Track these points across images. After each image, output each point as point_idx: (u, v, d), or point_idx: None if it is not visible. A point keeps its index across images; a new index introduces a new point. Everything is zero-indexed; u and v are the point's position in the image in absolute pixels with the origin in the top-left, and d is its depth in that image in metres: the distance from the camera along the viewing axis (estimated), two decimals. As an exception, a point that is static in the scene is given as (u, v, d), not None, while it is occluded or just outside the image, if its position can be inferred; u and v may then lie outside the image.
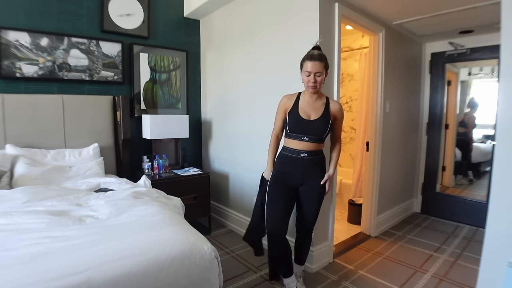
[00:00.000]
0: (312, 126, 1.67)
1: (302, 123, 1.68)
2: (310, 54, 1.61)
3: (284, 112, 1.77)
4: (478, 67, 3.47)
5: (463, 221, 3.24)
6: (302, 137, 1.68)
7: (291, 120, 1.71)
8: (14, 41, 2.22)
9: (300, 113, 1.69)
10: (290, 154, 1.74)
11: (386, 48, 2.77)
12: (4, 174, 1.97)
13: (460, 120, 3.55)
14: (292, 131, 1.71)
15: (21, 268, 0.98)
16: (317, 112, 1.69)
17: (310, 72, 1.60)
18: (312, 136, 1.68)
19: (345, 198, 3.53)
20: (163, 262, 1.16)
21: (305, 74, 1.63)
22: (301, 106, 1.70)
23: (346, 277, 2.13)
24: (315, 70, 1.59)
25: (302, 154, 1.71)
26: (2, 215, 1.37)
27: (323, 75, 1.62)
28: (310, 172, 1.75)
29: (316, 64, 1.58)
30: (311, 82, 1.61)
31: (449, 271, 2.23)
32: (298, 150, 1.71)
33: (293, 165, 1.74)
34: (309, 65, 1.59)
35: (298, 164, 1.72)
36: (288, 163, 1.75)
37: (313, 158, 1.73)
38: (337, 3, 2.16)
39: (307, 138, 1.68)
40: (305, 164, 1.73)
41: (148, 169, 2.70)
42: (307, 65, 1.60)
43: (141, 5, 2.80)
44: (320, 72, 1.60)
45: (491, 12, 2.26)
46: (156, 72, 2.98)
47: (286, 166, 1.76)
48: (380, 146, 2.83)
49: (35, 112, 2.27)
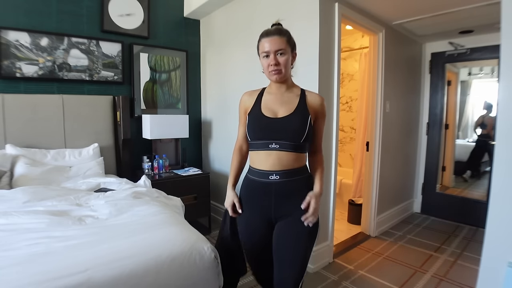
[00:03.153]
0: (281, 126, 1.17)
1: (267, 124, 1.19)
2: (266, 31, 1.20)
3: (244, 114, 1.30)
4: (478, 67, 3.48)
5: (463, 221, 3.24)
6: (269, 144, 1.16)
7: (252, 122, 1.23)
8: (14, 41, 2.22)
9: (263, 111, 1.21)
10: (256, 177, 1.21)
11: (386, 48, 2.77)
12: (4, 174, 1.97)
13: (479, 123, 3.54)
14: (254, 138, 1.21)
15: (21, 268, 0.98)
16: (288, 106, 1.21)
17: (269, 51, 1.16)
18: (284, 142, 1.15)
19: (345, 198, 3.53)
20: (163, 262, 1.16)
21: (263, 57, 1.20)
22: (265, 102, 1.24)
23: (346, 277, 2.13)
24: (275, 48, 1.15)
25: (272, 177, 1.17)
26: (2, 215, 1.37)
27: (288, 55, 1.18)
28: (287, 204, 1.19)
29: (274, 40, 1.15)
30: (272, 66, 1.16)
31: (449, 271, 2.23)
32: (266, 172, 1.18)
33: (261, 194, 1.21)
34: (266, 43, 1.16)
35: (268, 192, 1.19)
36: (254, 191, 1.24)
37: (290, 181, 1.18)
38: (337, 3, 2.16)
39: (277, 145, 1.16)
40: (278, 191, 1.18)
41: (148, 169, 2.70)
42: (264, 44, 1.17)
43: (141, 5, 2.80)
44: (282, 49, 1.15)
45: (491, 12, 2.26)
46: (156, 72, 2.98)
47: (252, 196, 1.25)
48: (380, 146, 2.83)
49: (35, 112, 2.27)
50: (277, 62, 1.16)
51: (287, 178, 1.18)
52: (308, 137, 1.19)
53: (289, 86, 1.27)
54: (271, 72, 1.19)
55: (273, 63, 1.16)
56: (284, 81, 1.24)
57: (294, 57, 1.24)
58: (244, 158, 1.37)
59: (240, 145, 1.36)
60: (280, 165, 1.17)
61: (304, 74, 2.15)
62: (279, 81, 1.22)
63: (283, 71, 1.18)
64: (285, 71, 1.18)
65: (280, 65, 1.17)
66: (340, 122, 3.41)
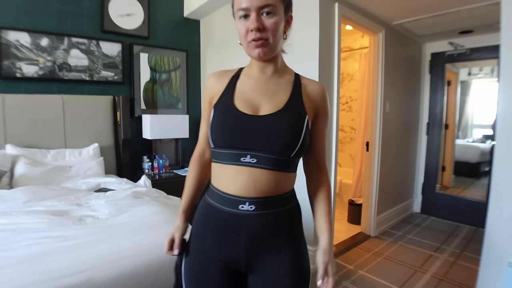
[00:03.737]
0: (263, 129, 0.74)
1: (241, 124, 0.75)
2: None
3: (209, 105, 0.85)
4: (478, 67, 3.48)
5: (463, 221, 3.23)
6: (241, 156, 0.74)
7: (217, 119, 0.78)
8: (14, 41, 2.22)
9: (236, 103, 0.78)
10: (219, 204, 0.77)
11: (386, 48, 2.77)
12: (4, 174, 1.97)
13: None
14: (219, 144, 0.77)
15: (21, 268, 0.98)
16: (275, 98, 0.78)
17: (248, 7, 0.72)
18: (265, 154, 0.73)
19: (345, 198, 3.53)
20: (163, 262, 1.16)
21: (239, 17, 0.76)
22: (241, 90, 0.81)
23: (346, 277, 2.13)
24: (259, 3, 0.71)
25: (244, 207, 0.74)
26: (2, 215, 1.37)
27: (279, 16, 0.74)
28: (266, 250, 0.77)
29: None
30: (254, 32, 0.72)
31: (449, 271, 2.23)
32: (234, 198, 0.75)
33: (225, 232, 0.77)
34: None
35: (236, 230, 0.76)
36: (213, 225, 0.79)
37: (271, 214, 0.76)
38: (337, 3, 2.16)
39: (253, 159, 0.73)
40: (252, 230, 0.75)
41: (148, 169, 2.70)
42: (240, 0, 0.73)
43: (141, 5, 2.80)
44: (270, 5, 0.71)
45: (491, 12, 2.26)
46: (156, 72, 2.98)
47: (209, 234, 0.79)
48: (380, 146, 2.83)
49: (35, 112, 2.27)
50: (262, 27, 0.72)
51: (267, 210, 0.75)
52: (302, 149, 0.77)
53: (279, 68, 0.83)
54: (250, 43, 0.74)
55: (255, 26, 0.71)
56: (271, 59, 0.80)
57: (289, 22, 0.80)
58: (205, 170, 0.92)
59: (201, 151, 0.92)
60: (256, 189, 0.74)
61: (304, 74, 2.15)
62: (264, 58, 0.77)
63: (270, 41, 0.74)
64: (273, 42, 0.74)
65: (266, 32, 0.73)
66: (340, 122, 3.41)
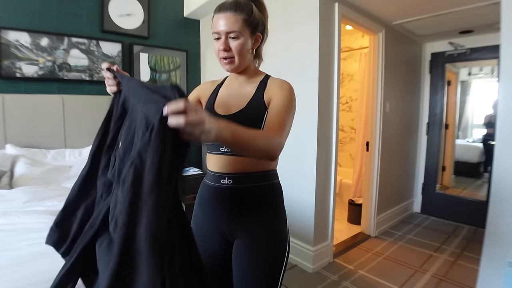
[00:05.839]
0: None
1: None
2: (221, 4, 0.92)
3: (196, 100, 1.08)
4: (478, 67, 3.48)
5: (463, 221, 3.24)
6: (220, 147, 0.95)
7: None
8: (14, 41, 2.21)
9: (215, 106, 0.99)
10: (210, 182, 0.99)
11: (386, 48, 2.77)
12: (4, 174, 1.97)
13: (486, 122, 3.55)
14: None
15: (21, 268, 0.98)
16: (242, 99, 0.96)
17: (219, 32, 0.89)
18: None
19: (345, 198, 3.53)
20: (163, 262, 1.15)
21: (214, 39, 0.93)
22: (221, 96, 1.02)
23: (346, 277, 2.13)
24: (227, 28, 0.88)
25: (224, 181, 0.94)
26: (3, 215, 1.37)
27: (244, 38, 0.90)
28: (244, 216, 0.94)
29: (228, 17, 0.88)
30: (222, 51, 0.90)
31: (449, 271, 2.23)
32: (218, 174, 0.96)
33: (214, 202, 0.98)
34: (218, 20, 0.90)
35: (219, 200, 0.96)
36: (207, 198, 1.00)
37: (247, 187, 0.94)
38: (337, 3, 2.16)
39: (227, 149, 0.94)
40: (231, 200, 0.95)
41: (148, 169, 2.70)
42: (214, 23, 0.91)
43: (141, 5, 2.80)
44: (236, 32, 0.88)
45: (491, 12, 2.26)
46: (156, 72, 2.98)
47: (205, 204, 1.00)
48: (380, 146, 2.83)
49: (35, 112, 2.27)
50: (228, 48, 0.90)
51: (242, 184, 0.94)
52: None
53: (250, 76, 0.99)
54: (221, 60, 0.93)
55: (222, 48, 0.90)
56: (242, 71, 0.98)
57: (258, 40, 0.96)
58: None
59: None
60: (233, 167, 0.93)
61: (304, 74, 2.15)
62: (232, 72, 0.98)
63: (236, 60, 0.91)
64: (239, 60, 0.92)
65: (231, 51, 0.90)
66: (340, 122, 3.41)
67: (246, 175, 0.94)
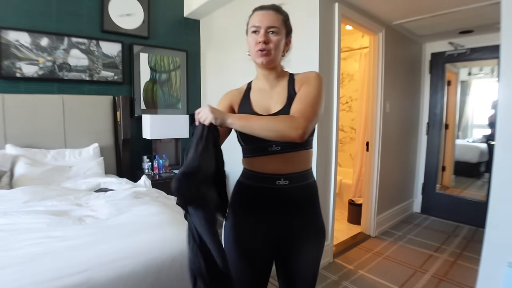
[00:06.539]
0: None
1: None
2: (261, 5, 0.98)
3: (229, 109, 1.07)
4: (478, 67, 3.48)
5: (463, 221, 3.24)
6: (269, 147, 0.95)
7: None
8: (14, 41, 2.22)
9: (254, 108, 1.00)
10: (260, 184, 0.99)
11: (386, 48, 2.77)
12: (4, 174, 1.97)
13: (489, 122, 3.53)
14: (249, 143, 1.00)
15: (21, 268, 0.98)
16: (280, 98, 0.99)
17: (259, 26, 0.94)
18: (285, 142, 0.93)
19: (345, 198, 3.53)
20: (164, 262, 1.16)
21: (251, 32, 0.96)
22: (255, 99, 1.03)
23: (346, 277, 2.13)
24: (268, 23, 0.93)
25: (280, 182, 0.96)
26: (3, 215, 1.37)
27: (281, 36, 0.96)
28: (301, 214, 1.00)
29: (269, 14, 0.95)
30: (261, 44, 0.93)
31: (449, 271, 2.23)
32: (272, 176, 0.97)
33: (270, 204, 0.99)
34: (258, 17, 0.95)
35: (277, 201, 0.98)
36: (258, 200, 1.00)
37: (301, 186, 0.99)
38: (337, 3, 2.16)
39: (278, 147, 0.95)
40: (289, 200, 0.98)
41: (148, 169, 2.70)
42: (254, 18, 0.96)
43: (141, 5, 2.80)
44: (276, 27, 0.94)
45: (491, 12, 2.26)
46: (156, 72, 2.98)
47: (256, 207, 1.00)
48: (380, 146, 2.83)
49: (35, 112, 2.27)
50: (267, 40, 0.93)
51: (299, 183, 0.98)
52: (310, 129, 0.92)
53: (278, 74, 1.03)
54: (257, 52, 0.95)
55: (262, 39, 0.93)
56: (272, 67, 1.00)
57: (288, 44, 1.02)
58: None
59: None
60: (287, 168, 0.97)
61: (304, 74, 2.15)
62: (267, 66, 0.98)
63: (272, 52, 0.94)
64: (275, 54, 0.95)
65: (270, 45, 0.94)
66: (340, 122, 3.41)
67: (299, 174, 0.98)
